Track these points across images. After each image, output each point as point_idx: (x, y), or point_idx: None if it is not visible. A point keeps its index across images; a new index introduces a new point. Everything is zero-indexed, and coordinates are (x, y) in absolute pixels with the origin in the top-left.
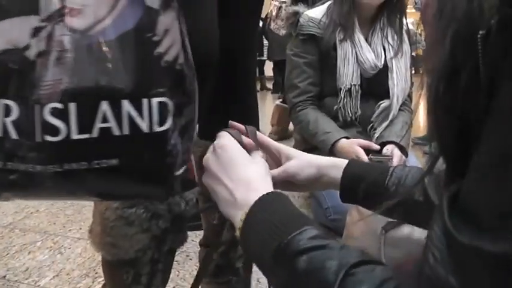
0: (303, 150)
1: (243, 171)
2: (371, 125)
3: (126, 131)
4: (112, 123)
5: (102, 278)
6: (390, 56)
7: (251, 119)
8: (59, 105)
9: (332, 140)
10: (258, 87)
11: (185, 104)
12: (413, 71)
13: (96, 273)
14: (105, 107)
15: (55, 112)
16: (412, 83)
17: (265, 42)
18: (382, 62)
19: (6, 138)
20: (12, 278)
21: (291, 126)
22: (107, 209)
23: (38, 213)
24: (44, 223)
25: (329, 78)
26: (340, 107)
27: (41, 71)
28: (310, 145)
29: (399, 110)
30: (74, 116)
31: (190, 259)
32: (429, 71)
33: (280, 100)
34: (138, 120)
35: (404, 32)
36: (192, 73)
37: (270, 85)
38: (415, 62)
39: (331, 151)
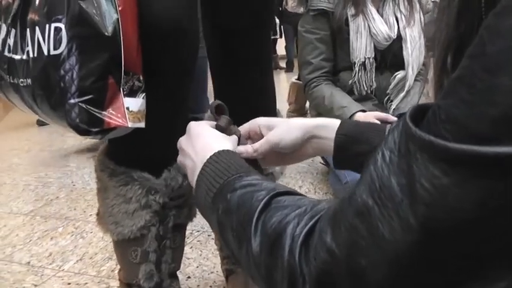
0: None
1: (206, 141)
2: (387, 97)
3: (36, 53)
4: (30, 47)
5: None
6: (403, 25)
7: (265, 100)
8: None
9: (348, 114)
10: None
11: (95, 41)
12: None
13: None
14: (28, 33)
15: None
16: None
17: (277, 20)
18: (396, 33)
19: None
20: (36, 263)
21: (308, 104)
22: (106, 189)
23: (57, 200)
24: (65, 209)
25: (343, 53)
26: (355, 81)
27: None
28: None
29: (415, 80)
30: (12, 38)
31: (212, 238)
32: (436, 39)
33: (296, 78)
34: (42, 43)
35: (415, 0)
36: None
37: (283, 64)
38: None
39: None
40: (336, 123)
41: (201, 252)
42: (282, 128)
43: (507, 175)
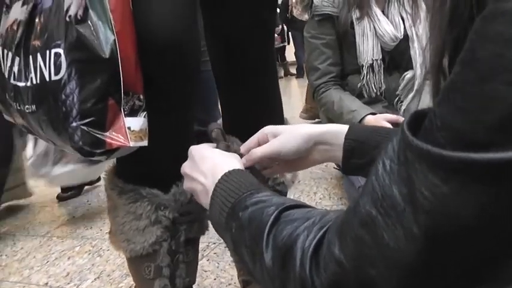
0: None
1: (214, 162)
2: (397, 98)
3: (38, 80)
4: (33, 74)
5: None
6: (409, 24)
7: (271, 104)
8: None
9: (358, 118)
10: (282, 73)
11: (93, 64)
12: None
13: None
14: (30, 60)
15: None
16: None
17: (284, 27)
18: (402, 32)
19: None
20: (54, 284)
21: None
22: (116, 207)
23: (73, 220)
24: (81, 228)
25: (350, 56)
26: (364, 84)
27: None
28: None
29: (426, 79)
30: (16, 66)
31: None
32: (430, 42)
33: None
34: (43, 69)
35: None
36: (105, 39)
37: (293, 70)
38: None
39: None
40: (343, 128)
41: (218, 264)
42: (285, 136)
43: (502, 180)
